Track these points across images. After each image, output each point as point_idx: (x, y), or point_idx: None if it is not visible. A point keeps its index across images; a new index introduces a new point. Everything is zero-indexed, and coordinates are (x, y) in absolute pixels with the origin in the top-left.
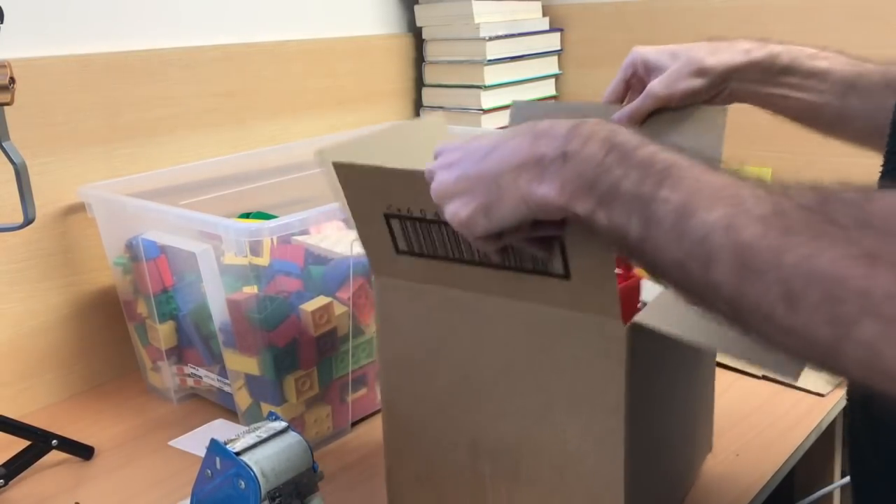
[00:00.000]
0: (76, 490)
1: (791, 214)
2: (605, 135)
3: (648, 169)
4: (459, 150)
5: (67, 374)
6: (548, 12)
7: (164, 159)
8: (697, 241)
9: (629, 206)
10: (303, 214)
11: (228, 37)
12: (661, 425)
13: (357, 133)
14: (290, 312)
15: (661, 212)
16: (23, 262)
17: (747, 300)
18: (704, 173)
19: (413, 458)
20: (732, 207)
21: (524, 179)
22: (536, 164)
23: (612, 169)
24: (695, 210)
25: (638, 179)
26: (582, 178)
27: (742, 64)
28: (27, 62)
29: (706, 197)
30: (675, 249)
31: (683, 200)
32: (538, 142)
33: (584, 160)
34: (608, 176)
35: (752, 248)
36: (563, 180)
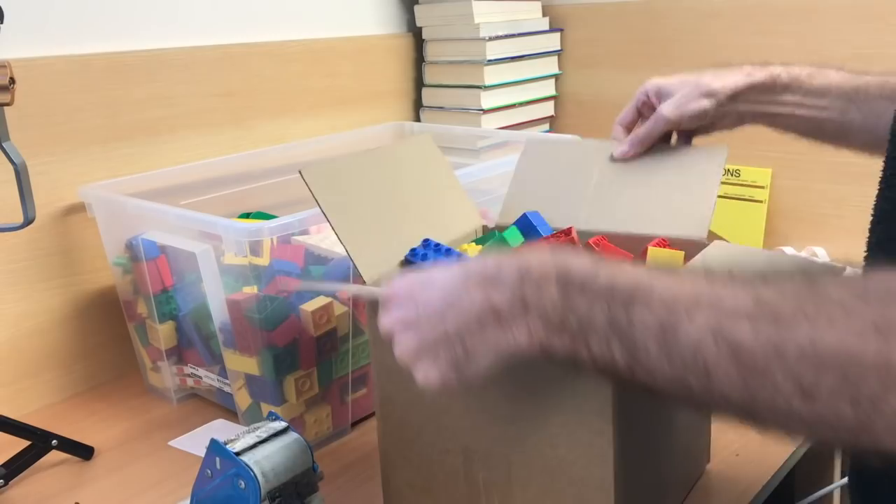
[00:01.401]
0: (76, 490)
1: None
2: (556, 272)
3: (612, 296)
4: (412, 306)
5: (67, 373)
6: (548, 12)
7: (164, 159)
8: (689, 355)
9: (607, 337)
10: (303, 214)
11: (228, 37)
12: (653, 431)
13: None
14: (290, 312)
15: (643, 336)
16: (23, 262)
17: (760, 402)
18: (671, 283)
19: (407, 464)
20: (712, 310)
21: (489, 333)
22: (496, 317)
23: (577, 306)
24: (676, 325)
25: (606, 309)
26: (548, 323)
27: (745, 85)
28: (27, 62)
29: (682, 308)
30: (668, 369)
31: (661, 319)
32: (491, 292)
33: (544, 305)
34: (574, 314)
35: (748, 349)
36: (531, 328)
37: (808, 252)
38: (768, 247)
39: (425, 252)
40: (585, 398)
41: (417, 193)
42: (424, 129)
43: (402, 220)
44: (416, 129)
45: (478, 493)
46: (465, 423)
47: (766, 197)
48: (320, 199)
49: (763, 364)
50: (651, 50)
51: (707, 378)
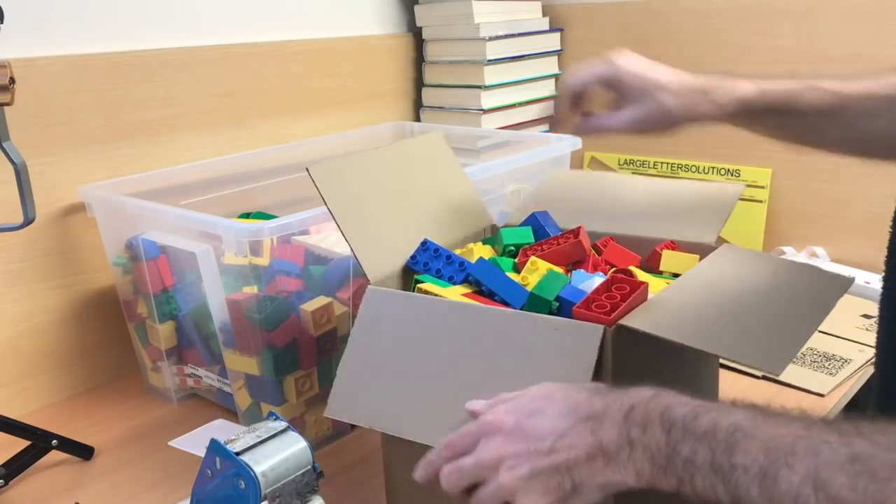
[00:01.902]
0: (76, 490)
1: (869, 458)
2: (659, 413)
3: (714, 439)
4: (522, 437)
5: (67, 373)
6: (548, 12)
7: (164, 159)
8: (790, 501)
9: (710, 479)
10: (303, 214)
11: (228, 37)
12: None
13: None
14: (290, 312)
15: (744, 481)
16: (23, 261)
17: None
18: (769, 430)
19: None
20: (811, 460)
21: (598, 469)
22: (605, 456)
23: (680, 448)
24: (776, 473)
25: (708, 452)
26: (654, 464)
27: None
28: (27, 62)
29: (781, 455)
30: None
31: (761, 466)
32: (598, 430)
33: (650, 447)
34: (678, 456)
35: (846, 501)
36: (638, 468)
37: (808, 252)
38: (768, 247)
39: (426, 260)
40: None
41: (426, 192)
42: (424, 129)
43: (410, 218)
44: (416, 129)
45: None
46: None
47: (766, 197)
48: (327, 196)
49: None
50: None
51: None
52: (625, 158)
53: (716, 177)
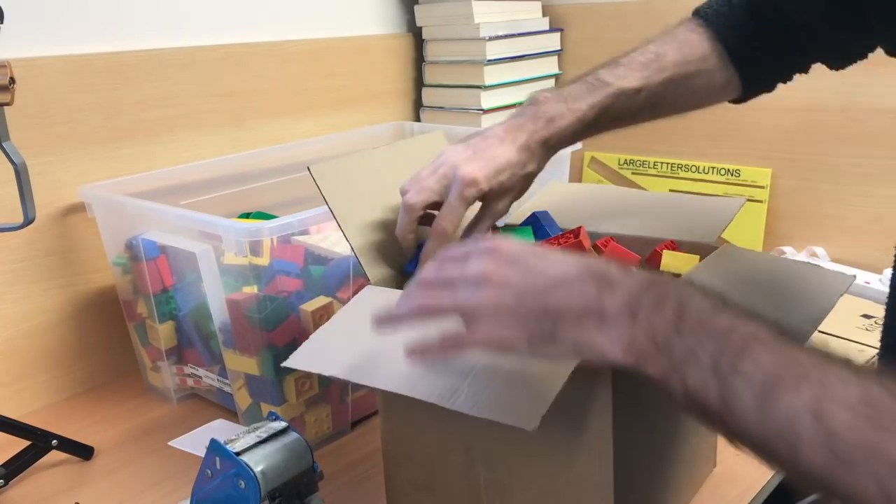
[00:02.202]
0: (76, 490)
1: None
2: (675, 298)
3: (727, 340)
4: (521, 269)
5: (67, 373)
6: (548, 12)
7: (164, 159)
8: (784, 423)
9: (707, 376)
10: (303, 214)
11: (228, 37)
12: (653, 433)
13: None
14: (290, 312)
15: (743, 387)
16: (23, 261)
17: (842, 489)
18: (786, 349)
19: (409, 462)
20: (820, 390)
21: (585, 328)
22: (600, 317)
23: (686, 336)
24: (779, 391)
25: (716, 350)
26: (652, 343)
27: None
28: (27, 62)
29: (791, 377)
30: (758, 426)
31: (767, 379)
32: (605, 290)
33: (655, 325)
34: (682, 344)
35: (843, 440)
36: (631, 341)
37: (808, 252)
38: (768, 247)
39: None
40: (586, 400)
41: None
42: (424, 129)
43: None
44: (416, 129)
45: (478, 493)
46: (466, 422)
47: (766, 197)
48: (328, 195)
49: (853, 459)
50: None
51: (794, 451)
52: (625, 158)
53: (716, 177)
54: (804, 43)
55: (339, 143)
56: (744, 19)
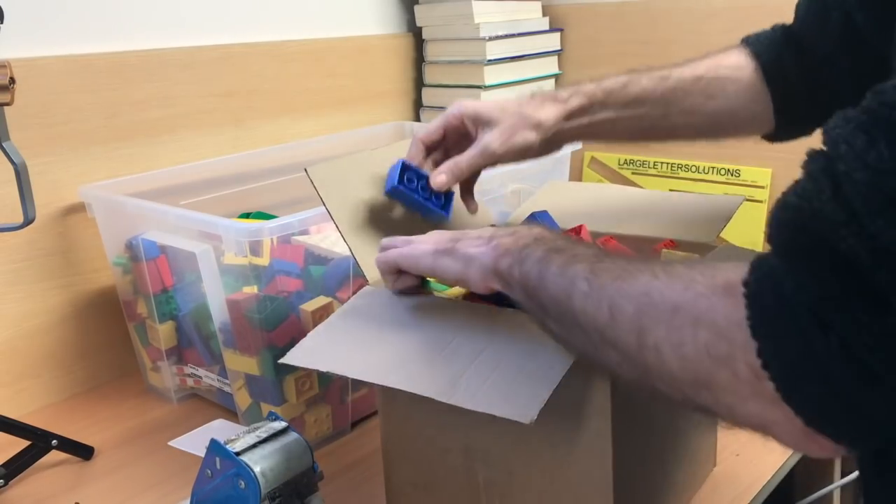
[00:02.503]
0: (76, 490)
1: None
2: (547, 232)
3: (556, 247)
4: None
5: (67, 373)
6: (548, 12)
7: (164, 159)
8: (569, 279)
9: (537, 263)
10: (303, 214)
11: (228, 37)
12: (654, 433)
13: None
14: (290, 312)
15: (553, 263)
16: (23, 261)
17: (589, 318)
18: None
19: (409, 462)
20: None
21: (474, 245)
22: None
23: (537, 245)
24: (574, 262)
25: (550, 248)
26: (516, 244)
27: (565, 113)
28: (27, 62)
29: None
30: (553, 287)
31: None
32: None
33: (522, 236)
34: (532, 247)
35: (598, 278)
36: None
37: None
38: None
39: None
40: (585, 399)
41: None
42: None
43: (407, 218)
44: (416, 128)
45: (478, 492)
46: (465, 422)
47: (766, 197)
48: (325, 197)
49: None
50: (651, 50)
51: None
52: (625, 158)
53: (716, 177)
54: (828, 78)
55: (339, 144)
56: (779, 41)
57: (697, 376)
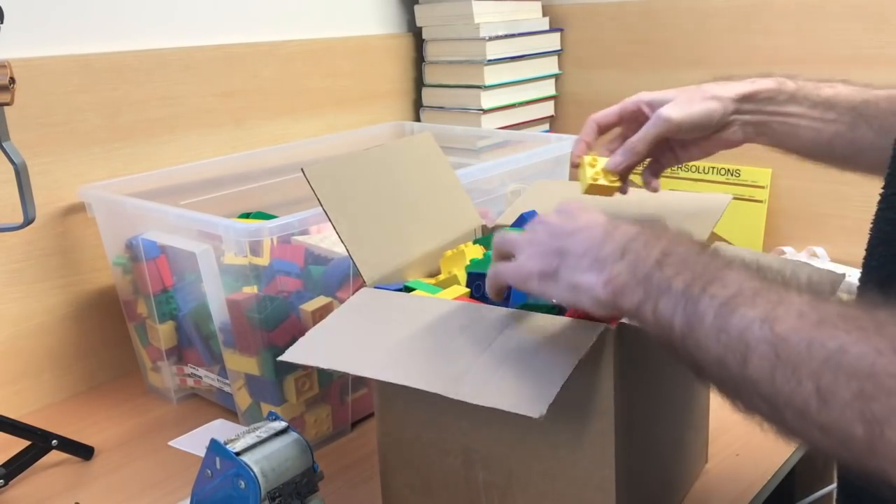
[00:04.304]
0: (76, 490)
1: (828, 310)
2: (667, 241)
3: (701, 271)
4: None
5: (67, 373)
6: (548, 12)
7: (164, 159)
8: (737, 335)
9: (676, 303)
10: (303, 214)
11: (228, 37)
12: (654, 431)
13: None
14: (290, 312)
15: (705, 307)
16: (23, 261)
17: (782, 395)
18: (754, 276)
19: (406, 465)
20: (774, 304)
21: (579, 267)
22: (595, 257)
23: (666, 269)
24: (737, 306)
25: (689, 280)
26: (632, 276)
27: (750, 92)
28: (27, 62)
29: (750, 295)
30: (714, 344)
31: (727, 297)
32: (607, 237)
33: (640, 259)
34: (661, 274)
35: (786, 341)
36: (614, 276)
37: (808, 252)
38: (768, 247)
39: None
40: (588, 399)
41: (418, 192)
42: (424, 129)
43: (403, 219)
44: (416, 129)
45: (477, 494)
46: (464, 423)
47: (766, 197)
48: (322, 197)
49: (793, 358)
50: (651, 50)
51: (743, 362)
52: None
53: (716, 177)
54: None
55: (339, 143)
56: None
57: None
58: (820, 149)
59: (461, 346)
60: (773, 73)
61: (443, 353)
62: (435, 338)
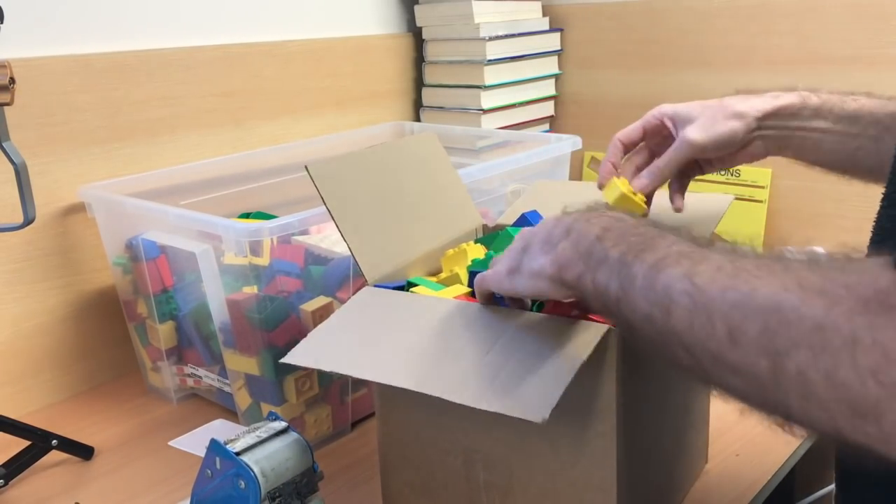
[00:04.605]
0: (76, 490)
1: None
2: (609, 219)
3: (637, 241)
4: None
5: (67, 374)
6: (548, 12)
7: (164, 159)
8: (662, 291)
9: (613, 270)
10: (303, 214)
11: (228, 37)
12: (654, 431)
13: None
14: (291, 312)
15: (636, 271)
16: (23, 261)
17: (699, 342)
18: (685, 241)
19: (407, 465)
20: (698, 263)
21: (535, 255)
22: (547, 243)
23: (606, 242)
24: (664, 266)
25: (626, 249)
26: (576, 250)
27: (774, 108)
28: (27, 62)
29: (675, 256)
30: (643, 303)
31: (656, 260)
32: (558, 223)
33: (582, 234)
34: (600, 247)
35: (704, 291)
36: (559, 251)
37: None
38: (768, 247)
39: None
40: (590, 400)
41: (420, 191)
42: (424, 129)
43: (405, 217)
44: (416, 128)
45: (478, 495)
46: (465, 423)
47: (766, 197)
48: (325, 195)
49: (708, 305)
50: (651, 50)
51: (667, 314)
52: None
53: (716, 177)
54: None
55: (339, 143)
56: None
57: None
58: (844, 162)
59: (463, 349)
60: (796, 87)
61: (445, 356)
62: (437, 340)
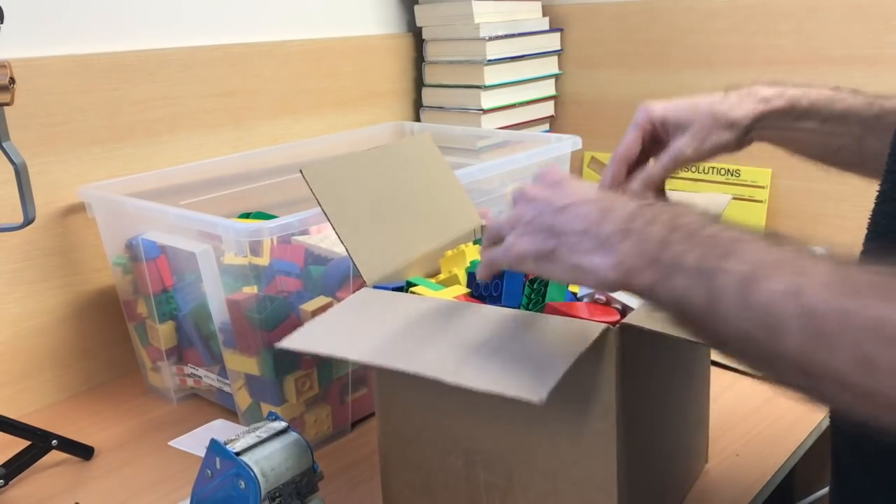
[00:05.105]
0: (76, 490)
1: (856, 279)
2: (669, 216)
3: (712, 245)
4: (549, 189)
5: (67, 373)
6: (548, 12)
7: (164, 159)
8: (763, 310)
9: (691, 280)
10: (303, 214)
11: (228, 37)
12: (655, 430)
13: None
14: (290, 312)
15: (725, 283)
16: (23, 261)
17: (820, 367)
18: (769, 246)
19: (407, 465)
20: (797, 276)
21: (581, 249)
22: (596, 238)
23: (675, 245)
24: (759, 279)
25: (701, 255)
26: (642, 255)
27: (763, 113)
28: (27, 62)
29: (770, 267)
30: (739, 320)
31: (747, 271)
32: (605, 216)
33: (646, 238)
34: (670, 251)
35: (819, 313)
36: (621, 258)
37: None
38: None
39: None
40: (588, 398)
41: (417, 192)
42: (424, 129)
43: (402, 219)
44: (417, 129)
45: (478, 495)
46: (465, 423)
47: (766, 197)
48: (321, 198)
49: (830, 330)
50: (651, 50)
51: (775, 336)
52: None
53: (716, 177)
54: None
55: (339, 143)
56: None
57: None
58: (823, 155)
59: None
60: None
61: (443, 342)
62: (435, 328)
